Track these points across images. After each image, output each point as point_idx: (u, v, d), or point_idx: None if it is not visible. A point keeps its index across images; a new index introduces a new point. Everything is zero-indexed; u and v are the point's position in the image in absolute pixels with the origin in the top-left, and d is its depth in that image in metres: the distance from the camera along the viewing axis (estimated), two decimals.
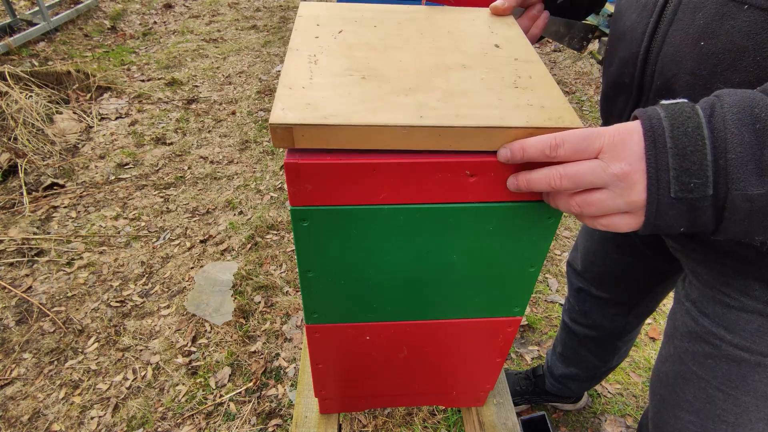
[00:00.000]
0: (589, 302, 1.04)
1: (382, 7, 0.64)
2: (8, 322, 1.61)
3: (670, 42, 0.52)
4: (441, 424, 1.36)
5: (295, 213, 0.49)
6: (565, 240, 2.03)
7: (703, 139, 0.37)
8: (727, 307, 0.61)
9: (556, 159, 0.42)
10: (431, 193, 0.48)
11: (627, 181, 0.39)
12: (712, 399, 0.66)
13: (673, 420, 0.72)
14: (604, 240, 0.92)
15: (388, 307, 0.61)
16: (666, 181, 0.38)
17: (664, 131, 0.38)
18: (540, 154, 0.42)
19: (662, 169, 0.38)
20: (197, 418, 1.37)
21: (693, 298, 0.66)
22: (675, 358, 0.70)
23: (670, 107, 0.40)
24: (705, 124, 0.38)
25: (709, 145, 0.37)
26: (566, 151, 0.41)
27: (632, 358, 1.55)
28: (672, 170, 0.38)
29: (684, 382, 0.69)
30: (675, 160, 0.38)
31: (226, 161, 2.46)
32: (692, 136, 0.37)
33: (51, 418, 1.36)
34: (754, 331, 0.59)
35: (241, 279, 1.80)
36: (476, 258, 0.55)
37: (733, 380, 0.63)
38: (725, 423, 0.66)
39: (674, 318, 0.71)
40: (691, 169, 0.37)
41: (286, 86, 0.47)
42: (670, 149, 0.38)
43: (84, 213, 2.09)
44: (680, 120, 0.38)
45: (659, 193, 0.38)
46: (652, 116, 0.39)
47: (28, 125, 2.41)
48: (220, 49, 3.67)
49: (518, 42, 0.59)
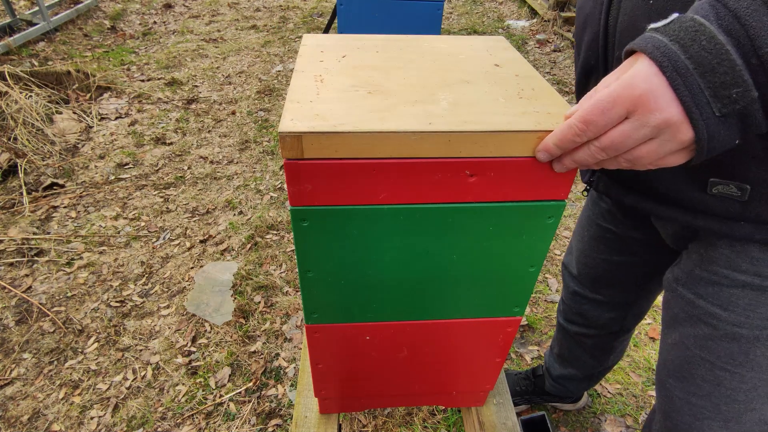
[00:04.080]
0: (585, 304, 1.04)
1: (383, 36, 0.66)
2: (8, 322, 1.61)
3: (624, 11, 0.54)
4: (441, 424, 1.36)
5: (295, 213, 0.49)
6: (565, 240, 2.03)
7: (723, 45, 0.35)
8: (718, 285, 0.61)
9: (589, 138, 0.41)
10: (431, 193, 0.48)
11: (669, 125, 0.37)
12: (719, 380, 0.66)
13: (687, 407, 0.72)
14: (595, 240, 0.93)
15: (388, 307, 0.61)
16: (706, 103, 0.36)
17: (678, 55, 0.36)
18: (572, 144, 0.42)
19: (697, 93, 0.36)
20: (197, 418, 1.37)
21: (684, 281, 0.67)
22: (679, 345, 0.70)
23: (668, 29, 0.37)
24: (716, 30, 0.35)
25: (733, 49, 0.35)
26: (596, 129, 0.40)
27: (632, 358, 1.55)
28: (706, 90, 0.36)
29: (690, 367, 0.69)
30: (704, 79, 0.35)
31: (226, 161, 2.46)
32: (710, 48, 0.35)
33: (51, 418, 1.36)
34: (746, 306, 0.59)
35: (241, 279, 1.80)
36: (476, 258, 0.56)
37: (735, 358, 0.63)
38: (737, 402, 0.66)
39: (669, 306, 0.71)
40: (726, 80, 0.35)
41: (294, 101, 0.48)
42: (694, 70, 0.35)
43: (84, 213, 2.09)
44: (689, 37, 0.36)
45: (704, 118, 0.36)
46: (658, 45, 0.37)
47: (28, 125, 2.41)
48: (220, 49, 3.67)
49: (518, 61, 0.60)
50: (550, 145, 0.44)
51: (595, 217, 0.90)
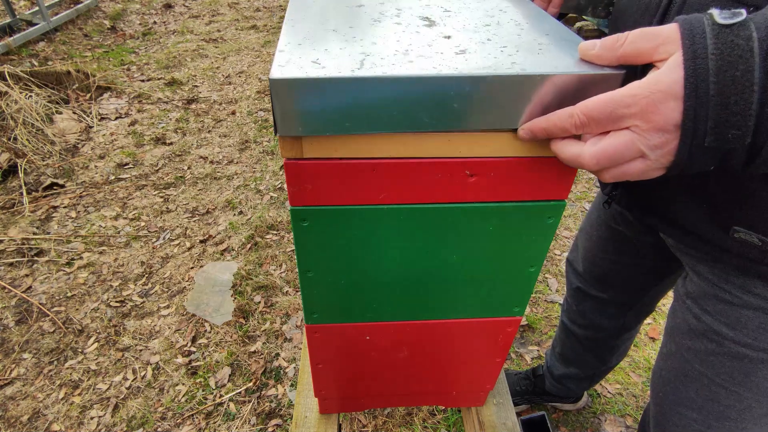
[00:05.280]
0: (587, 302, 1.04)
1: None
2: (8, 322, 1.61)
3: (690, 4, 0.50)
4: (441, 424, 1.36)
5: (295, 213, 0.49)
6: (565, 240, 2.02)
7: (752, 85, 0.33)
8: (728, 304, 0.61)
9: (585, 133, 0.40)
10: (431, 193, 0.48)
11: (665, 148, 0.36)
12: (715, 396, 0.66)
13: (676, 417, 0.72)
14: (603, 240, 0.92)
15: (388, 307, 0.61)
16: (703, 132, 0.34)
17: (708, 75, 0.33)
18: (563, 133, 0.40)
19: (700, 120, 0.34)
20: (197, 418, 1.37)
21: (694, 295, 0.66)
22: (677, 356, 0.70)
23: (723, 35, 0.33)
24: (758, 66, 0.32)
25: (758, 92, 0.33)
26: (594, 129, 0.38)
27: (632, 358, 1.55)
28: (711, 120, 0.34)
29: (686, 380, 0.69)
30: (715, 110, 0.34)
31: (226, 161, 2.46)
32: (740, 81, 0.33)
33: (51, 418, 1.36)
34: (756, 328, 0.59)
35: (241, 279, 1.80)
36: (476, 258, 0.55)
37: (735, 377, 0.63)
38: (728, 419, 0.66)
39: (675, 316, 0.71)
40: (731, 120, 0.34)
41: None
42: (712, 98, 0.33)
43: (84, 213, 2.09)
44: (730, 60, 0.33)
45: (693, 144, 0.35)
46: (698, 52, 0.34)
47: (27, 125, 2.41)
48: (219, 49, 3.67)
49: None
50: (538, 129, 0.41)
51: (607, 218, 0.89)
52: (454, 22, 0.49)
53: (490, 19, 0.51)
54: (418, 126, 0.42)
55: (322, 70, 0.38)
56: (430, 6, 0.54)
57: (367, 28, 0.47)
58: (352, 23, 0.48)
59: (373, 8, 0.53)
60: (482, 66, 0.40)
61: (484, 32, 0.47)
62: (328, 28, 0.47)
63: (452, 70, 0.39)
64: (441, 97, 0.40)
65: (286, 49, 0.42)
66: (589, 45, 0.40)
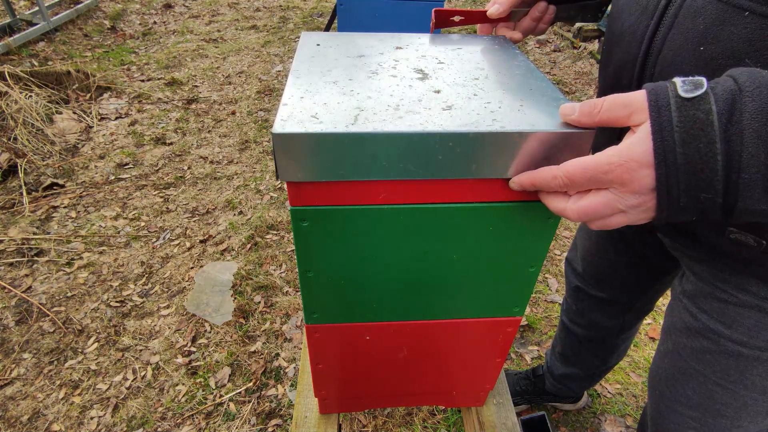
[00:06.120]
0: (587, 301, 1.04)
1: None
2: (8, 322, 1.61)
3: (670, 46, 0.51)
4: (441, 424, 1.36)
5: (295, 213, 0.49)
6: (565, 240, 2.03)
7: (715, 155, 0.35)
8: (724, 303, 0.61)
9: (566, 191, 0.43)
10: (431, 193, 0.48)
11: (643, 206, 0.40)
12: (711, 394, 0.66)
13: (673, 415, 0.73)
14: (602, 240, 0.93)
15: (388, 307, 0.61)
16: (676, 194, 0.38)
17: (675, 146, 0.36)
18: (548, 189, 0.44)
19: (672, 185, 0.37)
20: (197, 418, 1.37)
21: (690, 294, 0.67)
22: (673, 354, 0.71)
23: (686, 108, 0.36)
24: (719, 137, 0.35)
25: (722, 162, 0.36)
26: (578, 188, 0.42)
27: (632, 358, 1.55)
28: (681, 184, 0.37)
29: (683, 378, 0.69)
30: (685, 177, 0.37)
31: (226, 161, 2.46)
32: (704, 152, 0.36)
33: (51, 418, 1.36)
34: (752, 326, 0.59)
35: (241, 279, 1.80)
36: (476, 258, 0.55)
37: (731, 375, 0.63)
38: (724, 417, 0.67)
39: (671, 314, 0.72)
40: (701, 185, 0.37)
41: None
42: (681, 165, 0.37)
43: (84, 213, 2.09)
44: (693, 133, 0.36)
45: (669, 203, 0.39)
46: (664, 126, 0.37)
47: (27, 125, 2.41)
48: (220, 49, 3.67)
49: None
50: (527, 183, 0.45)
51: None
52: (445, 75, 0.53)
53: (479, 72, 0.54)
54: (407, 174, 0.45)
55: (320, 125, 0.42)
56: (426, 57, 0.58)
57: (364, 80, 0.51)
58: (352, 75, 0.52)
59: (372, 59, 0.56)
60: (465, 123, 0.43)
61: (471, 87, 0.50)
62: (329, 81, 0.50)
63: (437, 126, 0.43)
64: (426, 150, 0.43)
65: (289, 103, 0.45)
66: (569, 110, 0.44)
